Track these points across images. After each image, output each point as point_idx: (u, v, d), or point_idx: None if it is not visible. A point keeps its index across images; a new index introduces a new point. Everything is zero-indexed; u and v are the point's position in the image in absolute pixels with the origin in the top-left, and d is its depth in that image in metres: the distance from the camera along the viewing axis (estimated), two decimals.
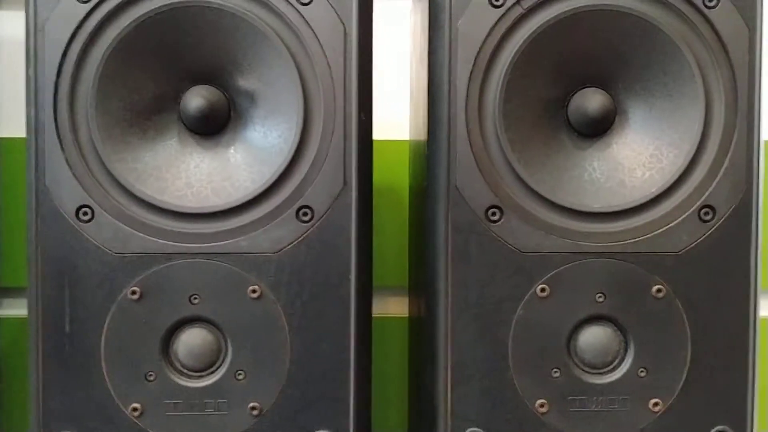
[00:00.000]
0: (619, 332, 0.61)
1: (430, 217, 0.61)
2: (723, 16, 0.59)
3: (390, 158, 0.86)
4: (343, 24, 0.59)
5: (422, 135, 0.65)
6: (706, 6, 0.59)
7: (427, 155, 0.61)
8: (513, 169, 0.60)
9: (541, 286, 0.60)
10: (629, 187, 0.61)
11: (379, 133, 0.63)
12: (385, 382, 0.88)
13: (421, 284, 0.66)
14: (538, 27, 0.59)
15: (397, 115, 0.86)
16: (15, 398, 0.87)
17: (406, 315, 0.84)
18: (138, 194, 0.59)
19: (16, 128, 0.86)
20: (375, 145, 0.63)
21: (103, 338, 0.59)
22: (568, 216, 0.60)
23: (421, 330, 0.66)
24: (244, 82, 0.61)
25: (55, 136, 0.59)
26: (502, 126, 0.59)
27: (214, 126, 0.62)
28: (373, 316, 0.63)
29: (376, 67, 0.62)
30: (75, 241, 0.59)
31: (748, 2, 0.59)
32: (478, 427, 0.60)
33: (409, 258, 0.82)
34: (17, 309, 0.87)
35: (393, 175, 0.87)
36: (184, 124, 0.62)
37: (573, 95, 0.62)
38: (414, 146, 0.75)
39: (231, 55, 0.60)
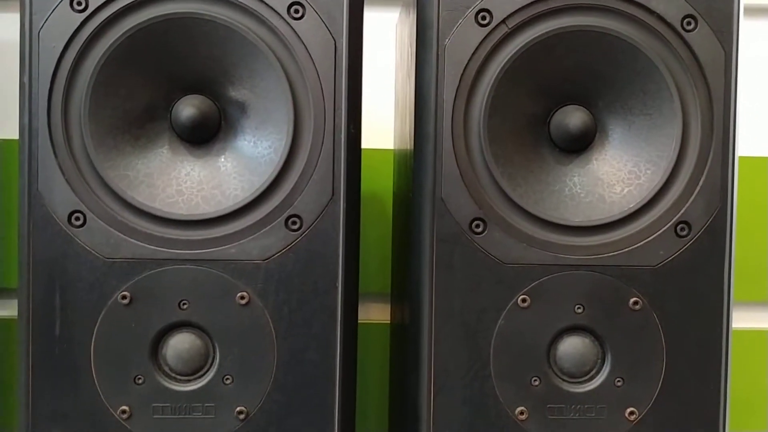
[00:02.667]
0: (596, 343, 0.63)
1: (416, 228, 0.63)
2: (700, 39, 0.61)
3: (374, 167, 0.88)
4: (334, 39, 0.60)
5: (407, 145, 0.67)
6: (684, 29, 0.61)
7: (414, 168, 0.63)
8: (497, 183, 0.61)
9: (522, 296, 0.62)
10: (608, 202, 0.62)
11: (363, 142, 0.65)
12: (366, 388, 0.89)
13: (404, 292, 0.68)
14: (523, 46, 0.60)
15: (382, 124, 0.87)
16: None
17: (389, 321, 0.85)
18: (129, 200, 0.60)
19: (5, 130, 0.86)
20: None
21: (92, 342, 0.60)
22: (549, 229, 0.62)
23: (404, 337, 0.67)
24: (236, 93, 0.62)
25: (49, 143, 0.60)
26: (486, 141, 0.61)
27: (205, 135, 0.63)
28: None
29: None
30: (67, 245, 0.60)
31: (725, 26, 0.61)
32: None
33: (393, 265, 0.83)
34: (2, 310, 0.87)
35: (377, 184, 0.88)
36: (176, 132, 0.63)
37: (555, 112, 0.63)
38: (399, 156, 0.76)
39: (223, 67, 0.62)
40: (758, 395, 0.93)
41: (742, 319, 0.90)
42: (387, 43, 0.87)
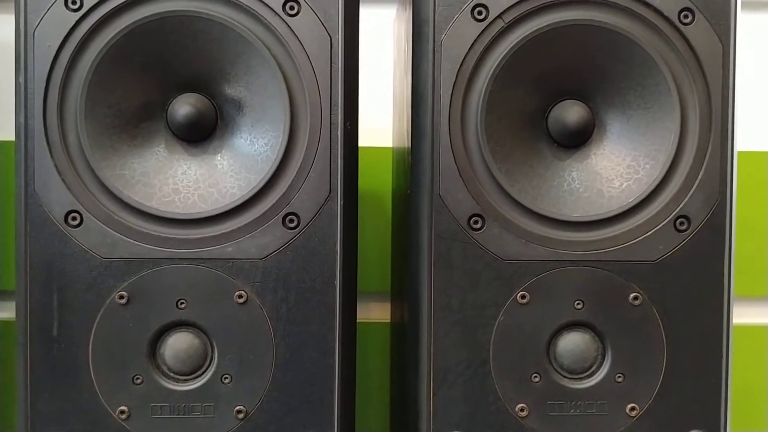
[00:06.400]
0: (597, 338, 0.62)
1: (414, 225, 0.62)
2: (698, 33, 0.61)
3: (373, 166, 0.87)
4: (330, 35, 0.60)
5: (405, 143, 0.66)
6: (681, 23, 0.61)
7: (411, 164, 0.63)
8: (495, 179, 0.61)
9: (521, 293, 0.61)
10: (607, 197, 0.62)
11: (362, 140, 0.64)
12: (366, 386, 0.88)
13: (404, 290, 0.67)
14: (519, 41, 0.60)
15: (379, 122, 0.87)
16: None
17: (389, 320, 0.85)
18: (126, 200, 0.60)
19: (2, 132, 0.86)
20: (359, 152, 0.64)
21: (90, 342, 0.60)
22: (547, 225, 0.61)
23: (403, 335, 0.67)
24: (232, 91, 0.62)
25: (45, 142, 0.60)
26: (484, 136, 0.61)
27: (201, 133, 0.62)
28: None
29: (360, 75, 0.63)
30: (63, 245, 0.60)
31: (723, 19, 0.61)
32: (459, 430, 0.62)
33: (392, 264, 0.83)
34: (1, 312, 0.87)
35: (376, 183, 0.88)
36: (172, 131, 0.62)
37: (553, 107, 0.63)
38: (397, 153, 0.76)
39: (219, 64, 0.61)
40: (758, 392, 0.92)
41: (742, 315, 0.90)
42: (384, 42, 0.87)
